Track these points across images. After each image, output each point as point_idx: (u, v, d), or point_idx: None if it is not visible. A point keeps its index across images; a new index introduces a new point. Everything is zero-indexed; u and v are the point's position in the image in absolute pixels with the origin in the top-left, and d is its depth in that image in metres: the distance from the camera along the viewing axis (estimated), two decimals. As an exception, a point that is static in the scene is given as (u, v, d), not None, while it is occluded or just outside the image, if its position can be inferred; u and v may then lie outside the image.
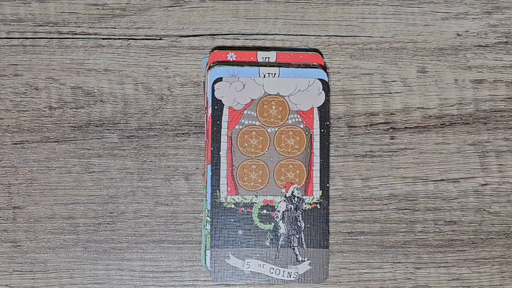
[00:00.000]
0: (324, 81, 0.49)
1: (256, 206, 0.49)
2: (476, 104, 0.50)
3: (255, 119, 0.49)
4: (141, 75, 0.50)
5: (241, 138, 0.49)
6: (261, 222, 0.49)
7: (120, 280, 0.50)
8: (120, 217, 0.50)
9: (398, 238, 0.50)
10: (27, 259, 0.49)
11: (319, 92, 0.49)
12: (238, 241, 0.48)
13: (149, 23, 0.50)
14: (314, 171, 0.49)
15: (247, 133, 0.49)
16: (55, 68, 0.50)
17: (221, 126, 0.49)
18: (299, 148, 0.49)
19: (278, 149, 0.49)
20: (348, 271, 0.50)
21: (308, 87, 0.49)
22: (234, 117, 0.49)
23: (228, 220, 0.48)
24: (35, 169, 0.50)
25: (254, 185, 0.49)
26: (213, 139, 0.49)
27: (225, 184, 0.49)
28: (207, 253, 0.48)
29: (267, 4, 0.51)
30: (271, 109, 0.49)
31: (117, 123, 0.50)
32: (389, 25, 0.51)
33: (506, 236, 0.50)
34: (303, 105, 0.49)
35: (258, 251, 0.48)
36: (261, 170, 0.49)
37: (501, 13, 0.51)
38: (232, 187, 0.49)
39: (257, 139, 0.49)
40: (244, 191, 0.49)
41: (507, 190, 0.50)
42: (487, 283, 0.50)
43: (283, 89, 0.49)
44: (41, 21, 0.50)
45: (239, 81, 0.49)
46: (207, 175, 0.49)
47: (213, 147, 0.49)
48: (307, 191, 0.49)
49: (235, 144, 0.49)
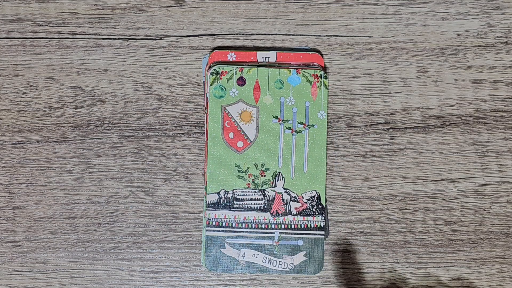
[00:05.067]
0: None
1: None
2: (476, 104, 0.50)
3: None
4: (141, 75, 0.50)
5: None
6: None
7: (120, 280, 0.50)
8: (120, 217, 0.50)
9: (398, 238, 0.50)
10: (27, 259, 0.49)
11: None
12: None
13: (149, 23, 0.50)
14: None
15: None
16: (55, 68, 0.50)
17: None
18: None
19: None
20: (348, 271, 0.50)
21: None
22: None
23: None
24: (35, 169, 0.50)
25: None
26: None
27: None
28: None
29: (267, 4, 0.51)
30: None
31: (117, 123, 0.50)
32: (389, 25, 0.51)
33: (506, 236, 0.50)
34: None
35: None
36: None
37: (501, 13, 0.51)
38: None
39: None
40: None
41: (507, 190, 0.50)
42: (487, 283, 0.50)
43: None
44: (41, 21, 0.50)
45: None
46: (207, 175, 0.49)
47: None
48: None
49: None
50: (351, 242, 0.50)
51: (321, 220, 0.49)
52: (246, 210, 0.48)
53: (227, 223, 0.48)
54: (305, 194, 0.48)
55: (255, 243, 0.48)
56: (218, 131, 0.48)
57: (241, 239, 0.48)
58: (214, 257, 0.48)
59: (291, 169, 0.49)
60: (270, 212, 0.48)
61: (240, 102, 0.49)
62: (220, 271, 0.48)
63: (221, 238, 0.48)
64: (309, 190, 0.48)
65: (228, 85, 0.48)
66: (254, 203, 0.48)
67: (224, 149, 0.48)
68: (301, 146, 0.48)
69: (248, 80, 0.48)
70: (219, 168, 0.48)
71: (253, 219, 0.48)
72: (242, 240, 0.48)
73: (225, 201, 0.48)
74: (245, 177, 0.48)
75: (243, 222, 0.48)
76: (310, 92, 0.49)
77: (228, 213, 0.48)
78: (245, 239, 0.48)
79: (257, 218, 0.48)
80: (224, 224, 0.48)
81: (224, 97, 0.48)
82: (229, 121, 0.48)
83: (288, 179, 0.48)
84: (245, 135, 0.48)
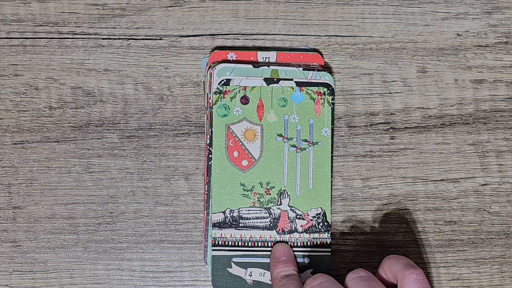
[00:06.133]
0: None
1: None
2: (476, 104, 0.50)
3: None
4: (141, 75, 0.50)
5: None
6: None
7: (120, 280, 0.50)
8: (120, 217, 0.50)
9: (398, 238, 0.50)
10: (27, 259, 0.49)
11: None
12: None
13: (149, 23, 0.50)
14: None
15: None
16: (55, 68, 0.50)
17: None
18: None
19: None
20: (348, 271, 0.50)
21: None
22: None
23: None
24: (35, 169, 0.50)
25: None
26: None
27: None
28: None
29: (267, 4, 0.50)
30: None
31: (117, 123, 0.50)
32: (389, 25, 0.51)
33: (506, 236, 0.50)
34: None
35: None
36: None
37: (501, 13, 0.51)
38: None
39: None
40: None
41: (507, 190, 0.50)
42: (487, 283, 0.50)
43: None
44: (41, 21, 0.50)
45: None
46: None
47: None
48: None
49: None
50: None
51: (327, 237, 0.49)
52: (252, 229, 0.48)
53: (233, 242, 0.48)
54: (310, 211, 0.48)
55: (261, 262, 0.48)
56: (223, 150, 0.48)
57: (247, 258, 0.48)
58: (221, 276, 0.48)
59: (296, 187, 0.48)
60: (276, 230, 0.48)
61: (244, 120, 0.48)
62: None
63: (228, 258, 0.48)
64: (315, 207, 0.48)
65: (232, 103, 0.48)
66: (260, 222, 0.48)
67: (229, 168, 0.48)
68: (306, 164, 0.48)
69: (251, 98, 0.48)
70: (224, 187, 0.48)
71: (259, 237, 0.48)
72: (249, 259, 0.48)
73: (230, 220, 0.48)
74: (250, 196, 0.48)
75: (249, 241, 0.48)
76: (313, 109, 0.49)
77: (234, 232, 0.48)
78: (251, 258, 0.48)
79: (263, 236, 0.48)
80: (230, 243, 0.48)
81: (228, 116, 0.48)
82: (233, 140, 0.48)
83: (293, 196, 0.48)
84: (250, 154, 0.48)
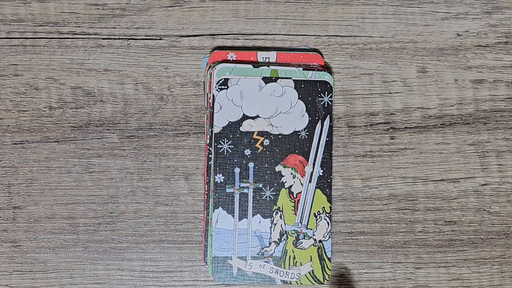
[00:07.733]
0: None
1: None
2: (476, 104, 0.50)
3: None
4: (141, 75, 0.50)
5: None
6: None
7: (120, 280, 0.50)
8: (120, 217, 0.50)
9: (398, 238, 0.50)
10: (27, 259, 0.49)
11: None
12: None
13: (149, 23, 0.50)
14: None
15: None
16: (55, 68, 0.50)
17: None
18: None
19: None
20: (348, 271, 0.50)
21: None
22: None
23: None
24: (35, 169, 0.50)
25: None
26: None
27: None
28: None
29: (267, 4, 0.51)
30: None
31: (117, 123, 0.50)
32: (389, 25, 0.51)
33: (506, 236, 0.50)
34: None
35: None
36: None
37: (501, 13, 0.51)
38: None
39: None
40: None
41: (507, 190, 0.50)
42: (487, 283, 0.50)
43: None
44: (41, 21, 0.50)
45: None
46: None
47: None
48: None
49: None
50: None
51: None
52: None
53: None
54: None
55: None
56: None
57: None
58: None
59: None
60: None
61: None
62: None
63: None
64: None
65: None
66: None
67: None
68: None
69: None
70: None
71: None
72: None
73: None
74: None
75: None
76: None
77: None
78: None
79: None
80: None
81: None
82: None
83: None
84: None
